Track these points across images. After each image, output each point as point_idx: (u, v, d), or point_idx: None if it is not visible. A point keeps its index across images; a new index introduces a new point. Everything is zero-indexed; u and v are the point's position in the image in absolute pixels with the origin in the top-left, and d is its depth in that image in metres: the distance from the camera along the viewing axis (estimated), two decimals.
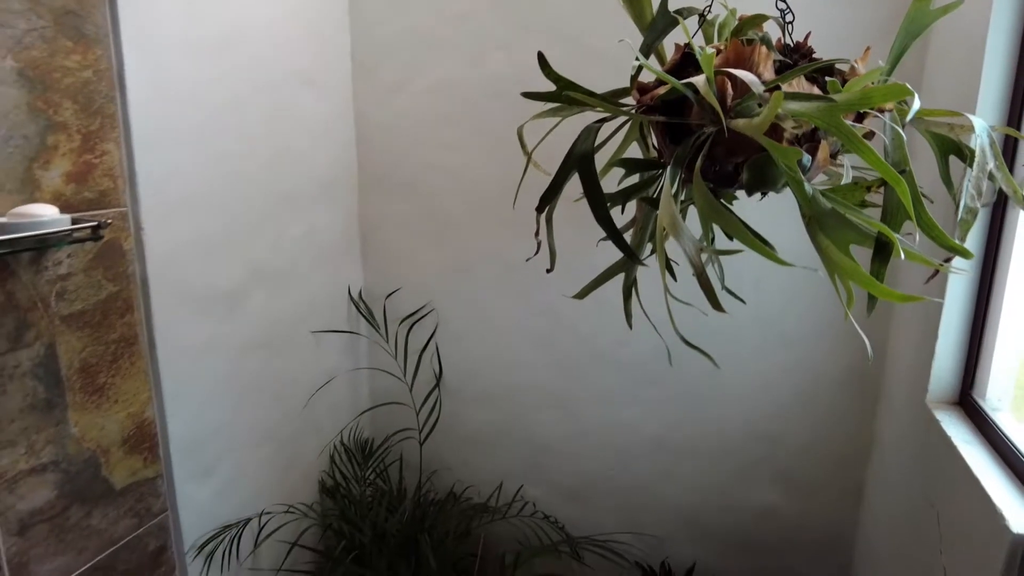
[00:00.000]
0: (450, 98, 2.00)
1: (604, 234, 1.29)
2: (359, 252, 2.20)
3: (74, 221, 1.17)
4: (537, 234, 1.28)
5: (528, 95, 1.12)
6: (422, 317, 2.18)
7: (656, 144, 1.28)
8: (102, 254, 1.30)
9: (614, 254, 1.17)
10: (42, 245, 1.14)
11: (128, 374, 1.38)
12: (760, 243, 1.04)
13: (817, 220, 1.03)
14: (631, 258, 1.17)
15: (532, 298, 2.05)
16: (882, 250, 1.02)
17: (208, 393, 1.60)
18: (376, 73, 2.05)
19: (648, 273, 1.32)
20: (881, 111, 1.06)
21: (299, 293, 1.91)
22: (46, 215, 1.08)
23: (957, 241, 0.98)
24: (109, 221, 1.26)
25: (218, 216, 1.58)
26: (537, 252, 1.32)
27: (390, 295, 2.20)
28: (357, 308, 2.17)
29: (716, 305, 1.07)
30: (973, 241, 1.32)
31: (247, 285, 1.70)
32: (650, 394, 2.00)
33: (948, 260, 1.09)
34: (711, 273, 1.16)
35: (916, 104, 0.86)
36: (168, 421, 1.48)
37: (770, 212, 1.42)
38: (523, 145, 1.17)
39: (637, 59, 1.08)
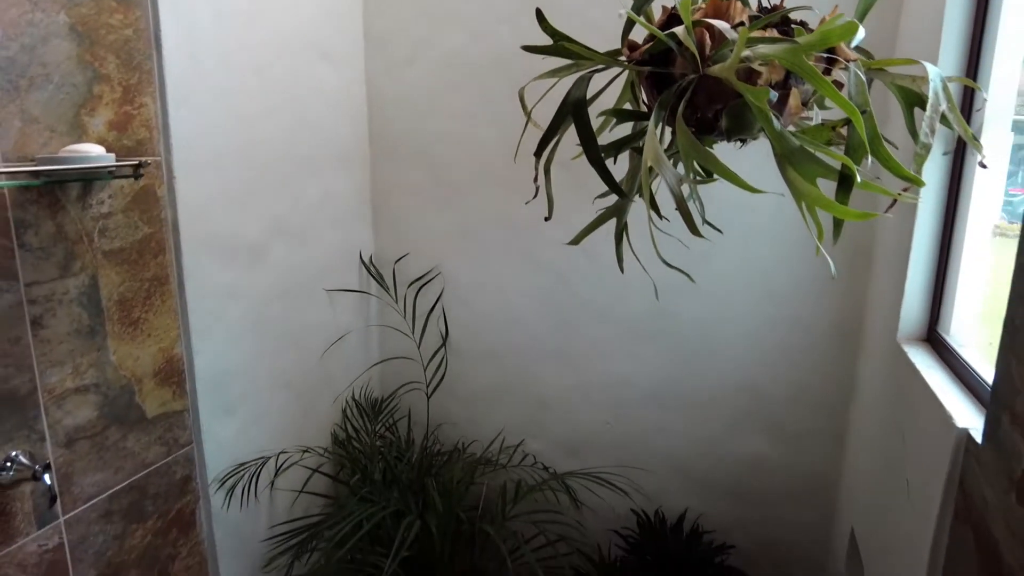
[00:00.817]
0: (457, 71, 2.12)
1: (599, 193, 1.41)
2: (370, 219, 2.33)
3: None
4: (536, 179, 1.40)
5: (527, 48, 1.24)
6: (429, 280, 2.30)
7: (645, 99, 1.40)
8: (138, 198, 1.42)
9: None
10: (91, 178, 1.26)
11: (159, 311, 1.51)
12: (732, 173, 1.16)
13: (787, 157, 1.15)
14: (619, 193, 1.29)
15: (534, 260, 2.17)
16: (845, 181, 1.14)
17: (232, 336, 1.72)
18: (387, 48, 2.18)
19: (638, 222, 1.42)
20: (847, 61, 1.18)
21: (315, 252, 2.04)
22: (94, 152, 1.21)
23: (912, 172, 1.09)
24: (148, 161, 1.39)
25: (243, 172, 1.71)
26: (535, 195, 1.44)
27: (399, 260, 2.32)
28: (368, 271, 2.29)
29: (694, 231, 1.19)
30: (935, 188, 1.43)
31: (268, 239, 1.83)
32: (645, 350, 2.11)
33: (905, 190, 1.21)
34: (693, 213, 1.26)
35: (860, 35, 0.98)
36: (195, 359, 1.61)
37: (751, 175, 1.52)
38: (523, 105, 1.30)
39: (621, 14, 1.20)
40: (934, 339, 1.48)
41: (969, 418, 1.08)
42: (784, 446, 2.05)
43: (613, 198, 1.36)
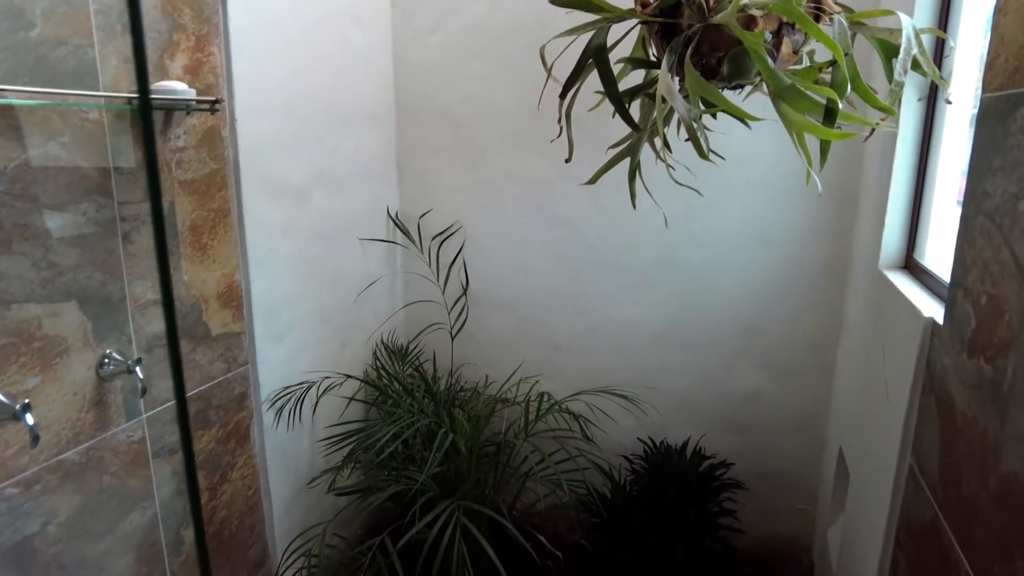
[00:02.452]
0: (477, 38, 2.30)
1: (612, 143, 1.59)
2: (396, 176, 2.51)
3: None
4: (560, 120, 1.59)
5: (555, 1, 1.42)
6: (451, 235, 2.49)
7: (655, 52, 1.58)
8: (207, 136, 1.60)
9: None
10: (175, 108, 1.45)
11: (223, 240, 1.69)
12: (733, 105, 1.35)
13: (780, 94, 1.34)
14: (633, 127, 1.47)
15: (548, 215, 2.35)
16: (830, 113, 1.33)
17: (282, 269, 1.91)
18: (413, 17, 2.36)
19: (648, 163, 1.59)
20: (832, 13, 1.37)
21: (349, 203, 2.22)
22: (180, 87, 1.39)
23: (886, 104, 1.28)
24: (222, 99, 1.57)
25: (291, 121, 1.89)
26: (560, 135, 1.62)
27: (423, 215, 2.50)
28: (396, 224, 2.47)
29: (702, 154, 1.37)
30: (911, 131, 1.62)
31: (311, 186, 2.01)
32: (650, 295, 2.30)
33: (883, 120, 1.40)
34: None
35: None
36: (252, 286, 1.79)
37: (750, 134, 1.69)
38: (544, 61, 1.48)
39: None
40: (911, 265, 1.66)
41: (935, 310, 1.27)
42: (778, 380, 2.24)
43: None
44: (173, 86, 1.39)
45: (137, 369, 1.41)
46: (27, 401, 1.21)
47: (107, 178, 1.37)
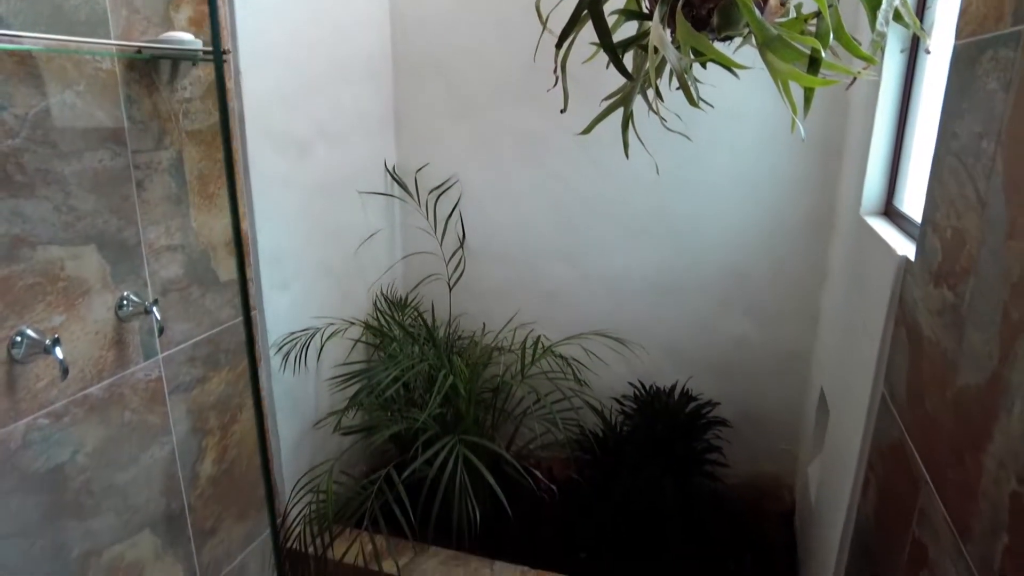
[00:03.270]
0: None
1: (605, 95, 1.64)
2: (393, 131, 2.55)
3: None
4: (556, 70, 1.64)
5: None
6: (448, 188, 2.54)
7: (647, 6, 1.63)
8: (212, 88, 1.65)
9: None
10: (182, 58, 1.49)
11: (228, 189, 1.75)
12: (722, 54, 1.40)
13: (767, 44, 1.39)
14: (627, 76, 1.52)
15: (543, 168, 2.41)
16: (813, 63, 1.38)
17: (286, 220, 1.97)
18: None
19: (640, 114, 1.65)
20: None
21: (348, 157, 2.27)
22: (187, 38, 1.44)
23: (868, 53, 1.34)
24: (229, 50, 1.62)
25: (293, 74, 1.93)
26: (555, 84, 1.67)
27: (420, 169, 2.56)
28: (394, 178, 2.53)
29: (692, 102, 1.43)
30: (893, 83, 1.68)
31: (313, 139, 2.06)
32: (642, 245, 2.38)
33: (864, 69, 1.45)
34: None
35: None
36: (258, 236, 1.85)
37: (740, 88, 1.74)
38: (539, 14, 1.52)
39: None
40: (891, 211, 1.74)
41: (908, 249, 1.35)
42: (764, 325, 2.33)
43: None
44: (180, 36, 1.43)
45: (154, 310, 1.48)
46: (56, 336, 1.28)
47: (120, 127, 1.42)
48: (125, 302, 1.46)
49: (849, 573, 1.50)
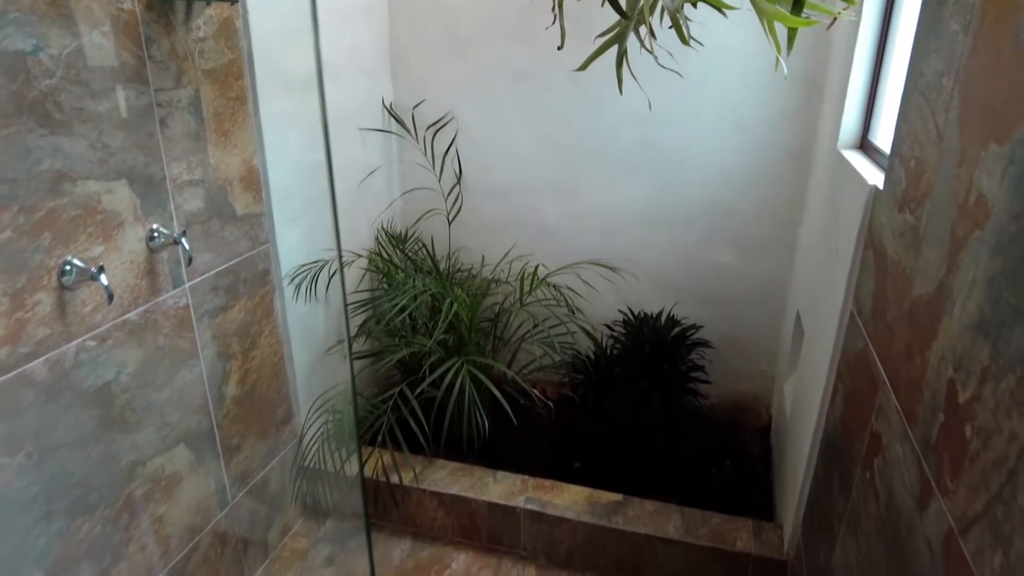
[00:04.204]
0: None
1: (599, 32, 1.72)
2: (389, 69, 2.60)
3: None
4: (553, 8, 1.71)
5: None
6: (444, 125, 2.62)
7: None
8: (223, 27, 1.71)
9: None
10: None
11: (242, 127, 1.83)
12: None
13: None
14: (621, 15, 1.60)
15: (538, 105, 2.49)
16: (797, 3, 1.47)
17: (294, 156, 2.05)
18: None
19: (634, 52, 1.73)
20: None
21: (348, 94, 2.34)
22: None
23: None
24: None
25: (296, 13, 1.98)
26: (553, 22, 1.74)
27: (416, 106, 2.62)
28: (391, 115, 2.60)
29: (684, 40, 1.53)
30: (872, 22, 1.78)
31: (314, 75, 2.12)
32: (632, 179, 2.49)
33: (844, 9, 1.55)
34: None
35: None
36: (269, 171, 1.94)
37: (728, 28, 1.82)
38: None
39: None
40: (866, 145, 1.87)
41: (878, 179, 1.48)
42: (746, 255, 2.48)
43: None
44: None
45: (183, 240, 1.59)
46: (101, 265, 1.39)
47: (143, 66, 1.49)
48: (155, 234, 1.56)
49: (817, 471, 1.69)
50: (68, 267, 1.34)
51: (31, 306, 1.29)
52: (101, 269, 1.38)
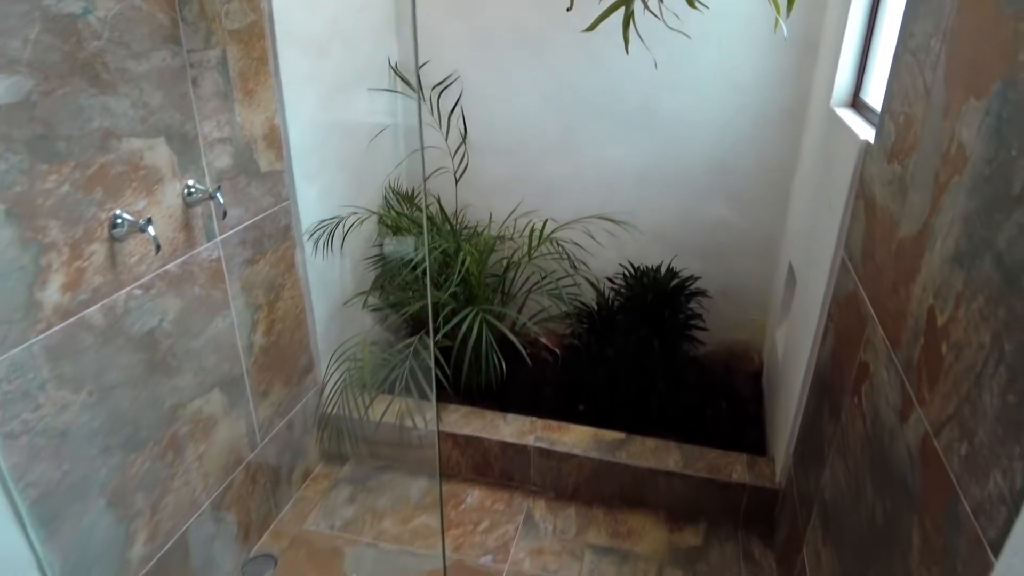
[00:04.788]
0: None
1: None
2: (395, 30, 2.66)
3: None
4: None
5: None
6: (449, 85, 2.69)
7: None
8: None
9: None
10: None
11: (264, 86, 1.90)
12: None
13: None
14: None
15: (543, 65, 2.57)
16: None
17: (311, 115, 2.13)
18: None
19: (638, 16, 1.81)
20: None
21: (358, 56, 2.40)
22: None
23: None
24: None
25: None
26: None
27: (422, 66, 2.69)
28: (398, 75, 2.66)
29: (691, 2, 1.62)
30: None
31: (329, 39, 2.19)
32: (634, 138, 2.59)
33: None
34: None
35: None
36: (289, 130, 2.02)
37: None
38: None
39: None
40: (858, 103, 1.97)
41: (869, 134, 1.60)
42: (741, 210, 2.60)
43: None
44: None
45: (218, 195, 1.68)
46: (149, 217, 1.48)
47: (176, 27, 1.56)
48: (191, 189, 1.65)
49: (808, 404, 1.84)
50: (119, 220, 1.43)
51: (87, 256, 1.39)
52: (149, 221, 1.47)
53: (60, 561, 1.40)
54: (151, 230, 1.47)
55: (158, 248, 1.50)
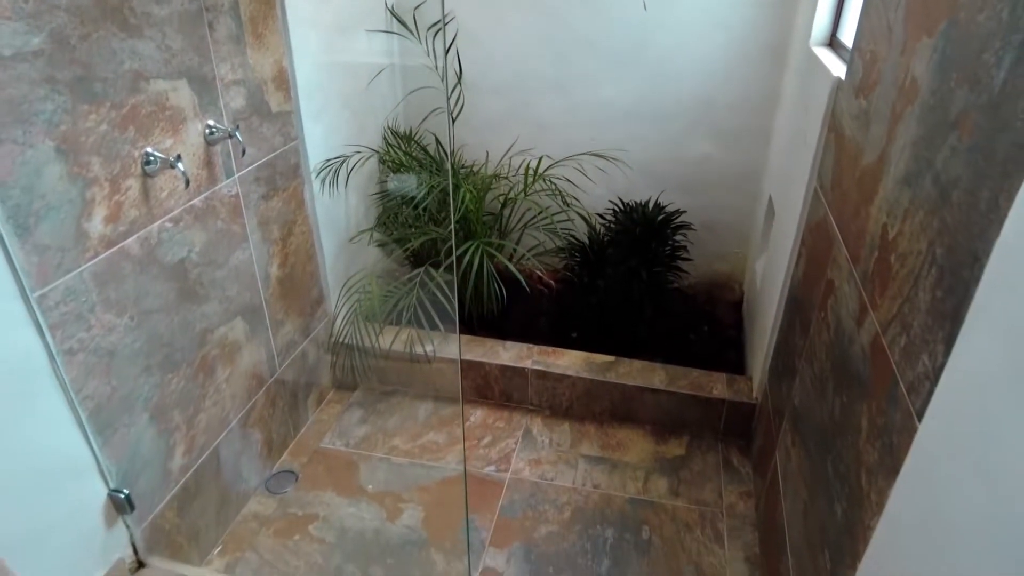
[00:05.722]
0: None
1: None
2: None
3: None
4: None
5: None
6: (444, 24, 2.76)
7: None
8: None
9: None
10: None
11: (272, 30, 1.99)
12: None
13: None
14: None
15: (537, 3, 2.64)
16: None
17: (314, 57, 2.22)
18: None
19: None
20: None
21: None
22: None
23: None
24: None
25: None
26: None
27: (417, 7, 2.75)
28: (394, 16, 2.73)
29: None
30: None
31: None
32: (624, 76, 2.69)
33: None
34: None
35: None
36: (296, 71, 2.11)
37: None
38: None
39: None
40: (835, 43, 2.09)
41: (842, 71, 1.73)
42: (725, 146, 2.74)
43: None
44: None
45: (237, 133, 1.79)
46: (178, 153, 1.60)
47: None
48: (212, 129, 1.76)
49: (783, 324, 2.02)
50: (151, 157, 1.55)
51: (124, 190, 1.51)
52: (179, 158, 1.59)
53: (115, 467, 1.58)
54: (180, 166, 1.59)
55: (187, 182, 1.62)
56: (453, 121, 2.83)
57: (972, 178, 0.88)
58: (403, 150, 2.68)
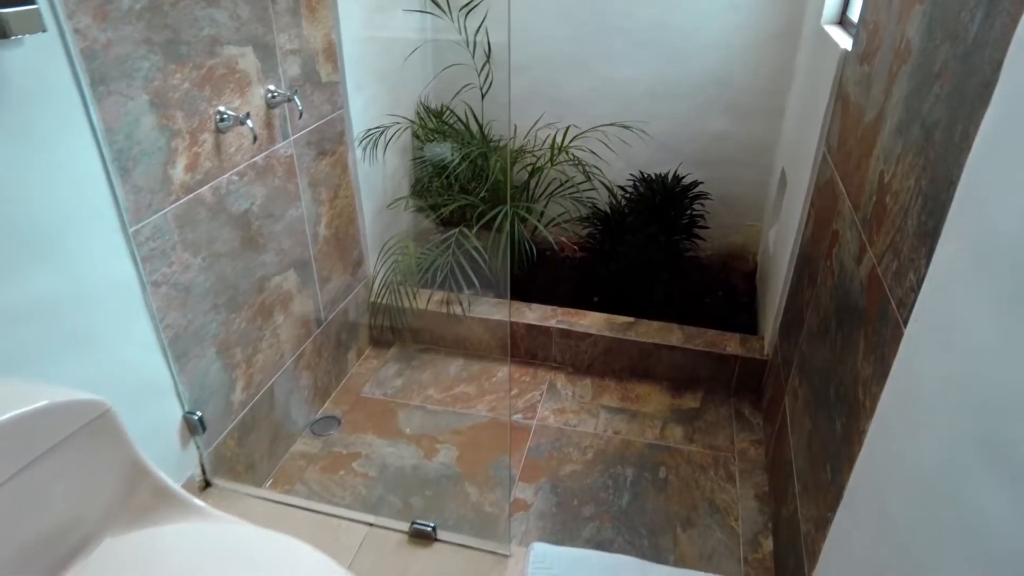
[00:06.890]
0: None
1: None
2: None
3: None
4: None
5: None
6: (476, 5, 2.92)
7: None
8: None
9: None
10: None
11: (323, 5, 2.16)
12: None
13: None
14: None
15: None
16: None
17: (357, 31, 2.39)
18: None
19: None
20: None
21: None
22: None
23: None
24: None
25: None
26: None
27: None
28: None
29: None
30: None
31: None
32: (644, 55, 2.85)
33: None
34: None
35: None
36: (343, 43, 2.29)
37: None
38: None
39: None
40: (844, 21, 2.24)
41: (848, 44, 1.88)
42: (740, 121, 2.89)
43: None
44: None
45: (296, 98, 1.97)
46: (247, 112, 1.78)
47: None
48: (272, 93, 1.94)
49: (793, 280, 2.18)
50: (224, 115, 1.73)
51: (201, 143, 1.70)
52: (248, 116, 1.77)
53: (188, 391, 1.77)
54: (249, 123, 1.77)
55: (255, 138, 1.81)
56: (483, 97, 3.00)
57: (949, 118, 1.04)
58: (442, 121, 2.85)
